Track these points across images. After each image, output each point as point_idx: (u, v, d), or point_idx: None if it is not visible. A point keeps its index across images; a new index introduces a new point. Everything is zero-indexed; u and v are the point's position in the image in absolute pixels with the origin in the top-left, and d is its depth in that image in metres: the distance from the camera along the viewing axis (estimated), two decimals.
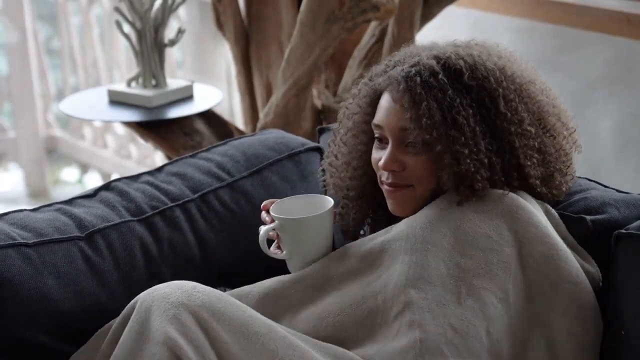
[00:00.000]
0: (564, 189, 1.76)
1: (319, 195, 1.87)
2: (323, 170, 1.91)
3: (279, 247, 1.80)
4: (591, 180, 1.88)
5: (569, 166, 1.76)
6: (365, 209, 1.85)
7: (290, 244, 1.78)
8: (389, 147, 1.72)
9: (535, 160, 1.69)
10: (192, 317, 1.58)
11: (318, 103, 2.97)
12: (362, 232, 1.90)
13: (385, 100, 1.74)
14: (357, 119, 1.80)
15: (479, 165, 1.65)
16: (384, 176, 1.74)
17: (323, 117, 2.95)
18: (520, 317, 1.62)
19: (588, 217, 1.74)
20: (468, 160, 1.65)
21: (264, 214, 1.83)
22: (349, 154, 1.83)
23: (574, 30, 3.14)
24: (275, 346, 1.59)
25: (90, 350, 1.72)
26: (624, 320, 1.62)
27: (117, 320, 1.67)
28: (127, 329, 1.62)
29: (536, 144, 1.69)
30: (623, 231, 1.68)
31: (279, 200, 1.83)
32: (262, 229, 1.78)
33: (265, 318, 1.64)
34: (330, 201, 1.80)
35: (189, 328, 1.57)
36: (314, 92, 2.98)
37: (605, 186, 1.86)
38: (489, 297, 1.60)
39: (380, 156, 1.74)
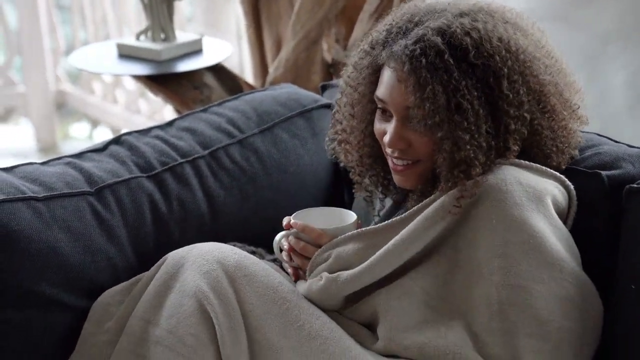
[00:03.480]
0: (563, 166, 1.73)
1: (340, 209, 1.83)
2: (330, 139, 1.90)
3: (289, 257, 1.78)
4: (601, 136, 1.86)
5: (567, 145, 1.73)
6: (381, 171, 1.84)
7: None
8: (394, 123, 1.69)
9: (518, 147, 1.66)
10: (226, 275, 1.63)
11: (328, 57, 2.96)
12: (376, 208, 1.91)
13: (388, 77, 1.69)
14: (363, 91, 1.76)
15: (478, 150, 1.62)
16: (389, 150, 1.72)
17: (333, 71, 2.93)
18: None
19: (603, 172, 1.72)
20: (468, 147, 1.61)
21: (285, 220, 1.79)
22: (359, 125, 1.80)
23: None
24: (298, 312, 1.63)
25: (125, 292, 1.77)
26: (634, 275, 1.62)
27: (153, 268, 1.74)
28: (154, 280, 1.69)
29: (526, 131, 1.66)
30: (635, 185, 1.67)
31: (299, 211, 1.80)
32: (279, 235, 1.77)
33: (294, 288, 1.68)
34: (352, 215, 1.79)
35: (221, 284, 1.62)
36: (324, 46, 2.96)
37: (615, 141, 1.85)
38: None
39: (384, 128, 1.72)
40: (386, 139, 1.70)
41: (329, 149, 1.91)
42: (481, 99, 1.62)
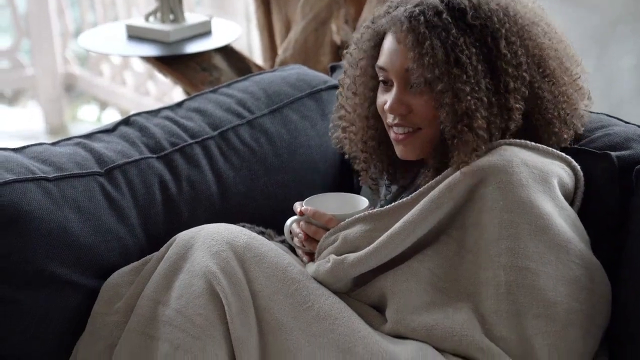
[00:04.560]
0: (565, 136, 1.73)
1: (352, 194, 1.85)
2: (334, 126, 1.92)
3: (300, 242, 1.78)
4: (611, 117, 1.86)
5: (569, 113, 1.73)
6: (385, 156, 1.84)
7: None
8: (394, 89, 1.71)
9: (521, 106, 1.67)
10: (235, 255, 1.63)
11: (337, 38, 2.96)
12: (382, 194, 1.91)
13: (388, 42, 1.72)
14: (364, 64, 1.79)
15: (479, 103, 1.63)
16: (389, 119, 1.73)
17: (342, 52, 2.93)
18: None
19: (613, 153, 1.72)
20: (469, 97, 1.63)
21: (296, 206, 1.80)
22: (361, 104, 1.81)
23: None
24: (307, 292, 1.63)
25: (135, 273, 1.77)
26: None
27: (162, 249, 1.73)
28: (163, 260, 1.69)
29: (527, 91, 1.67)
30: None
31: (312, 196, 1.80)
32: (289, 220, 1.78)
33: (303, 269, 1.68)
34: (364, 201, 1.79)
35: (230, 264, 1.62)
36: (333, 27, 2.96)
37: (625, 122, 1.84)
38: None
39: (386, 99, 1.73)
40: (387, 105, 1.71)
41: (332, 138, 1.92)
42: (479, 56, 1.65)
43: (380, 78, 1.74)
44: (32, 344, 1.73)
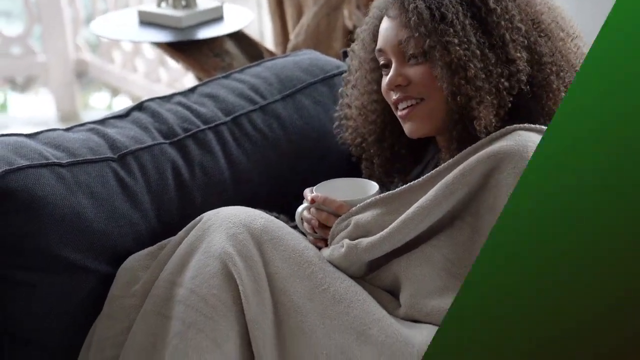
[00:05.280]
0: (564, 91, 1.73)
1: (362, 179, 1.85)
2: (340, 125, 1.94)
3: (312, 229, 1.78)
4: None
5: (568, 72, 1.73)
6: (387, 151, 1.85)
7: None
8: (393, 65, 1.74)
9: (524, 55, 1.68)
10: (252, 238, 1.64)
11: (349, 24, 2.95)
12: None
13: (383, 24, 1.76)
14: (363, 56, 1.82)
15: (469, 53, 1.66)
16: (393, 95, 1.75)
17: (353, 38, 2.93)
18: None
19: None
20: (457, 48, 1.65)
21: (307, 193, 1.81)
22: (361, 97, 1.84)
23: None
24: (323, 275, 1.63)
25: (151, 257, 1.77)
26: None
27: (180, 233, 1.73)
28: (182, 243, 1.70)
29: (526, 41, 1.69)
30: None
31: (322, 182, 1.81)
32: (300, 207, 1.79)
33: (319, 253, 1.68)
34: (374, 186, 1.79)
35: (246, 247, 1.63)
36: (345, 12, 2.95)
37: None
38: None
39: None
40: (386, 80, 1.75)
41: (338, 138, 1.96)
42: (467, 14, 1.68)
43: (381, 62, 1.77)
44: (45, 328, 1.73)
